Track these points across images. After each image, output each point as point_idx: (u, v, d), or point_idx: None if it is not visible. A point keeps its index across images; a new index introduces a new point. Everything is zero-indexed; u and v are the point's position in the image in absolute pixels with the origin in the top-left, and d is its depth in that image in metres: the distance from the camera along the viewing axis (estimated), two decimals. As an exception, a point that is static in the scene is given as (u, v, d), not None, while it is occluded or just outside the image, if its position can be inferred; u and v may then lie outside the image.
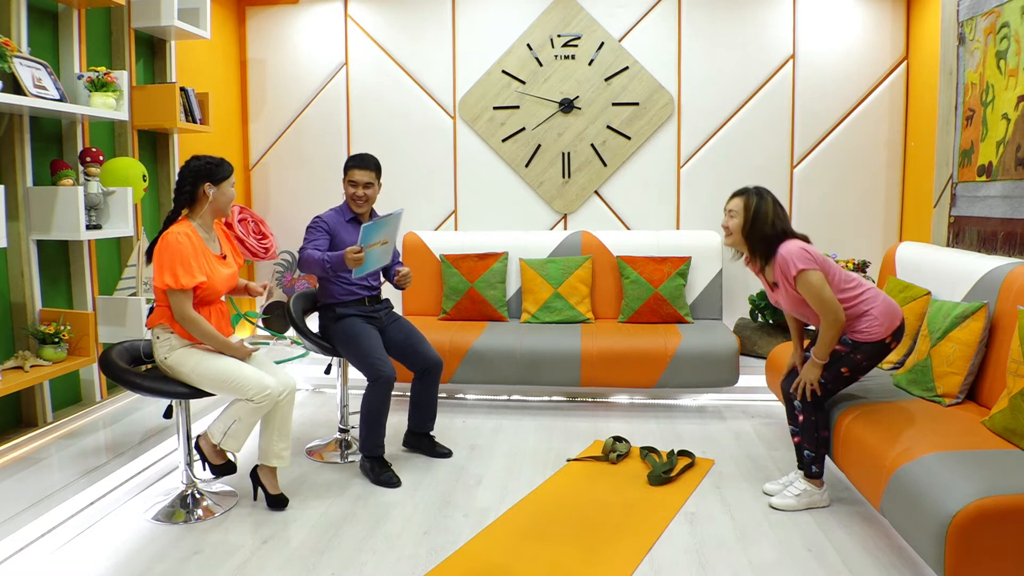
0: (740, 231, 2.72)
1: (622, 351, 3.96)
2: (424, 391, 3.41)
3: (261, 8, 5.09)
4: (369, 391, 3.12)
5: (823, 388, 2.73)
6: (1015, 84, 3.23)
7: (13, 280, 3.26)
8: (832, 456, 2.82)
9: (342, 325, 3.24)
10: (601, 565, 2.43)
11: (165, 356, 2.70)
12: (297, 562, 2.46)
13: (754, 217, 2.67)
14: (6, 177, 3.19)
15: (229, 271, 2.84)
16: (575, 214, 5.00)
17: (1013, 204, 3.26)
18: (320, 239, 3.20)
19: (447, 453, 3.43)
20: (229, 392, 2.68)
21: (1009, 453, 2.24)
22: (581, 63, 4.83)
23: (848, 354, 2.71)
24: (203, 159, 2.75)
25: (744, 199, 2.71)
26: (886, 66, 4.68)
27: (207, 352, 2.72)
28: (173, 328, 2.70)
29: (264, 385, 2.68)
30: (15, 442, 3.10)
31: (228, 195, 2.79)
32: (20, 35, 3.13)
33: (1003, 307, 2.73)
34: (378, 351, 3.15)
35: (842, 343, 2.71)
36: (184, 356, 2.69)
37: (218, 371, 2.66)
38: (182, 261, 2.60)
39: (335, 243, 3.23)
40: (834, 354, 2.71)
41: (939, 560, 1.97)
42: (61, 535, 2.58)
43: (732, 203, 2.75)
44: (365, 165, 3.25)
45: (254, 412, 2.71)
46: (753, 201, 2.69)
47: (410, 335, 3.38)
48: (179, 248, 2.61)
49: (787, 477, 2.96)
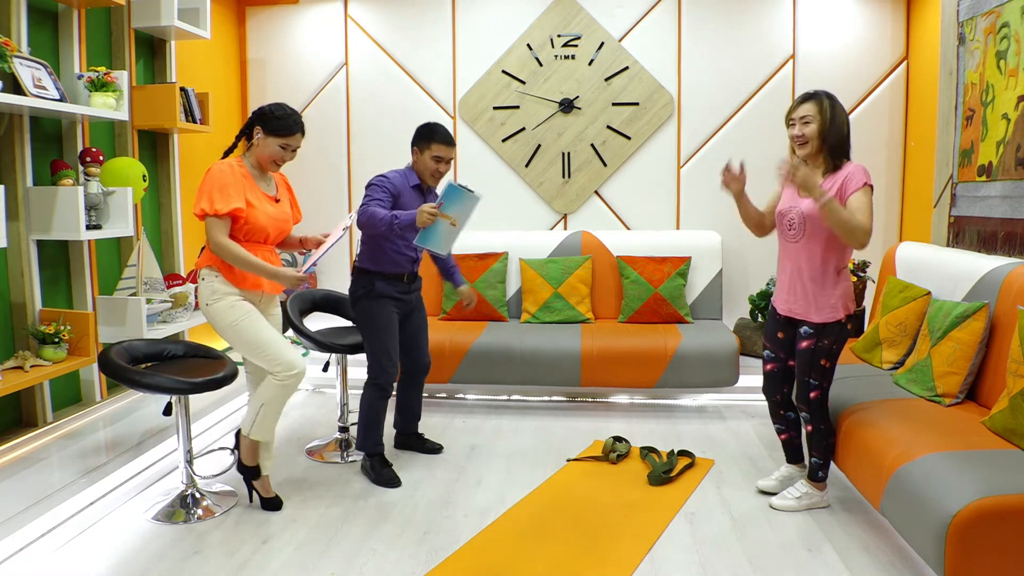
0: (818, 136, 2.59)
1: (622, 351, 3.96)
2: (411, 393, 3.45)
3: (261, 8, 5.09)
4: (369, 389, 3.13)
5: (819, 390, 2.69)
6: (1015, 84, 3.23)
7: (13, 280, 3.26)
8: (832, 456, 2.82)
9: (374, 306, 3.13)
10: (601, 565, 2.43)
11: (208, 302, 2.65)
12: (297, 562, 2.46)
13: (832, 119, 2.58)
14: (6, 177, 3.19)
15: (278, 212, 2.76)
16: (575, 214, 5.00)
17: (1013, 204, 3.26)
18: (385, 198, 3.04)
19: (437, 448, 3.46)
20: (259, 359, 2.67)
21: (1009, 453, 2.24)
22: (581, 63, 4.83)
23: (816, 346, 2.65)
24: (274, 106, 2.70)
25: (817, 103, 2.60)
26: (886, 66, 4.68)
27: (251, 312, 2.66)
28: (220, 270, 2.64)
29: (293, 363, 2.66)
30: (15, 442, 3.10)
31: (270, 150, 2.68)
32: (20, 35, 3.13)
33: (1003, 307, 2.73)
34: (393, 353, 3.14)
35: (806, 335, 2.67)
36: (227, 309, 2.63)
37: (256, 334, 2.64)
38: (220, 187, 2.56)
39: (397, 204, 3.08)
40: (806, 354, 2.67)
41: (939, 560, 1.97)
42: (61, 535, 2.58)
43: (803, 108, 2.62)
44: (452, 142, 3.16)
45: (281, 393, 2.68)
46: (827, 104, 2.59)
47: (417, 333, 3.35)
48: (220, 176, 2.58)
49: (779, 472, 2.98)
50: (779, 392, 2.89)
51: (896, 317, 3.28)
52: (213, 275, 2.66)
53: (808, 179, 2.45)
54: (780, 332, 2.84)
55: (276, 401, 2.72)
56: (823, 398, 2.72)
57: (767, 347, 2.91)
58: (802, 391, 2.72)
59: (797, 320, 2.74)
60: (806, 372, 2.69)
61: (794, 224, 2.69)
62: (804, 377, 2.70)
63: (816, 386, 2.69)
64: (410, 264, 3.21)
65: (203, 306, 2.69)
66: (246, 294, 2.71)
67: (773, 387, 2.90)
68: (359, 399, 3.19)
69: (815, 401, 2.70)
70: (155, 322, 3.78)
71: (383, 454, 3.18)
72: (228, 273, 2.66)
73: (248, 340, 2.65)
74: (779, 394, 2.89)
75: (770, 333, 2.89)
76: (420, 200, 3.15)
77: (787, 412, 2.91)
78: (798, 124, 2.64)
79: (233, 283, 2.67)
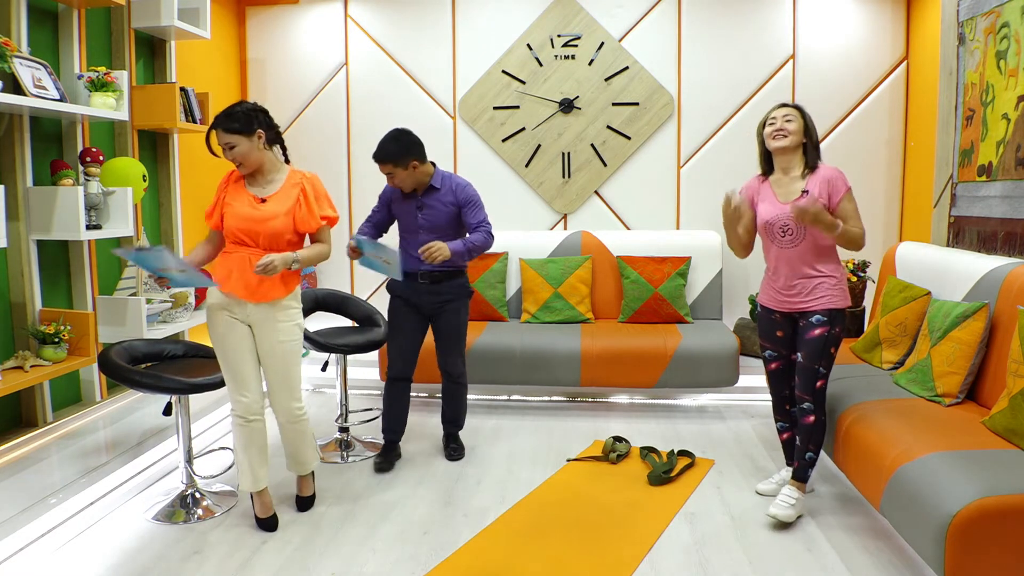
0: (801, 133, 2.73)
1: (622, 351, 3.96)
2: (445, 395, 3.49)
3: (261, 8, 5.09)
4: (386, 383, 3.37)
5: (824, 379, 2.71)
6: (1015, 84, 3.22)
7: (13, 280, 3.26)
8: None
9: (390, 304, 3.35)
10: (601, 565, 2.43)
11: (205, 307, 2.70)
12: (297, 562, 2.46)
13: (808, 125, 2.75)
14: (6, 177, 3.19)
15: (252, 212, 2.58)
16: (575, 214, 5.00)
17: (1013, 204, 3.26)
18: (377, 208, 3.37)
19: (453, 456, 3.42)
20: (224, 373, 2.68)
21: (1009, 453, 2.24)
22: (581, 63, 4.83)
23: (829, 333, 2.69)
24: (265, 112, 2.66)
25: (796, 109, 2.76)
26: (886, 66, 4.68)
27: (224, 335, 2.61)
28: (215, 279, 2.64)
29: (238, 398, 2.64)
30: (15, 442, 3.09)
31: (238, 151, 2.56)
32: (20, 35, 3.13)
33: (1003, 307, 2.73)
34: (398, 349, 3.28)
35: (819, 323, 2.69)
36: (214, 318, 2.63)
37: (219, 352, 2.65)
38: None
39: (391, 210, 3.33)
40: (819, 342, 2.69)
41: (939, 560, 1.97)
42: (61, 535, 2.58)
43: (785, 110, 2.76)
44: (383, 158, 3.12)
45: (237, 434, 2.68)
46: (804, 112, 2.77)
47: (442, 340, 3.35)
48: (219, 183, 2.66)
49: (779, 475, 2.96)
50: (787, 388, 2.89)
51: (896, 317, 3.28)
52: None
53: (820, 216, 2.56)
54: (779, 331, 2.84)
55: (234, 444, 2.71)
56: (825, 387, 2.73)
57: (767, 347, 2.90)
58: (808, 380, 2.70)
59: (804, 312, 2.73)
60: (816, 360, 2.69)
61: (789, 230, 2.72)
62: (813, 365, 2.69)
63: (824, 375, 2.70)
64: (417, 263, 3.19)
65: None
66: (223, 298, 2.61)
67: (781, 384, 2.90)
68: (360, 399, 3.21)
69: (820, 391, 2.70)
70: (155, 322, 3.78)
71: (390, 443, 3.33)
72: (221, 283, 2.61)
73: (220, 355, 2.66)
74: (787, 389, 2.89)
75: (768, 334, 2.88)
76: (411, 204, 3.24)
77: (793, 408, 2.90)
78: (779, 121, 2.74)
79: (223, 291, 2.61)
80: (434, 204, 3.21)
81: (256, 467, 2.68)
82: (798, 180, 2.74)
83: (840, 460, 2.76)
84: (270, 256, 2.51)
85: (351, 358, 3.59)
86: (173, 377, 2.71)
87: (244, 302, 2.60)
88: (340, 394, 3.52)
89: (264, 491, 2.72)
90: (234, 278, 2.58)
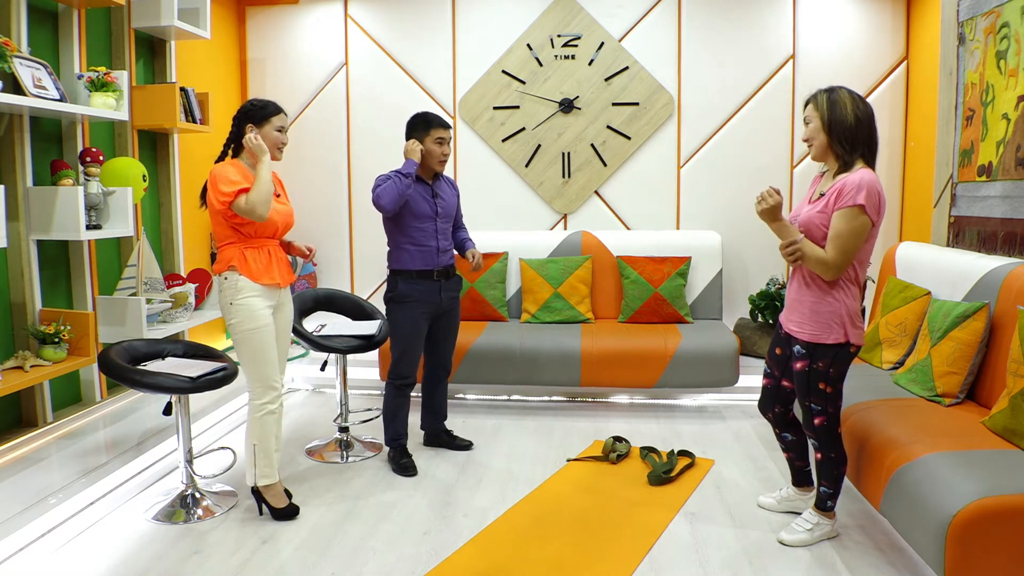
0: (821, 132, 2.40)
1: (622, 351, 3.96)
2: (435, 393, 3.52)
3: (261, 8, 5.09)
4: (388, 388, 3.32)
5: (824, 416, 2.46)
6: (1015, 84, 3.23)
7: (13, 280, 3.26)
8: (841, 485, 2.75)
9: (398, 310, 3.22)
10: (601, 565, 2.43)
11: (232, 300, 2.67)
12: (297, 562, 2.46)
13: (830, 110, 2.37)
14: (6, 177, 3.19)
15: (283, 207, 2.84)
16: (575, 214, 5.00)
17: (1013, 204, 3.26)
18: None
19: (467, 445, 3.51)
20: (249, 372, 2.71)
21: (1009, 453, 2.24)
22: (581, 63, 4.83)
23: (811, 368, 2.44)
24: (251, 101, 2.80)
25: (813, 102, 2.43)
26: (886, 66, 4.68)
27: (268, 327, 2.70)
28: (241, 270, 2.67)
29: (270, 386, 2.71)
30: (15, 442, 3.10)
31: (271, 138, 2.75)
32: (20, 35, 3.13)
33: (1003, 307, 2.73)
34: (410, 356, 3.25)
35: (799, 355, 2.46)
36: (248, 316, 2.66)
37: (258, 345, 2.68)
38: (225, 178, 2.63)
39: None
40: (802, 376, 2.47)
41: (939, 560, 1.97)
42: (61, 535, 2.58)
43: (806, 111, 2.46)
44: (449, 124, 3.21)
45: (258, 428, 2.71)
46: (822, 98, 2.40)
47: (443, 338, 3.41)
48: (223, 171, 2.66)
49: (781, 492, 2.85)
50: (771, 410, 2.74)
51: (896, 317, 3.28)
52: (236, 275, 2.68)
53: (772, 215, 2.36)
54: (778, 348, 2.67)
55: (261, 438, 2.73)
56: (830, 425, 2.47)
57: (766, 361, 2.76)
58: (805, 417, 2.51)
59: (790, 337, 2.54)
60: (804, 396, 2.48)
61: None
62: (804, 401, 2.49)
63: (819, 412, 2.46)
64: (435, 256, 3.21)
65: (226, 304, 2.70)
66: (265, 290, 2.72)
67: (765, 405, 2.75)
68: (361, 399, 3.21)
69: (821, 428, 2.47)
70: (155, 322, 3.78)
71: (404, 446, 3.30)
72: (248, 271, 2.68)
73: (252, 350, 2.69)
74: (771, 412, 2.74)
75: (771, 348, 2.72)
76: (425, 191, 3.21)
77: (784, 432, 2.74)
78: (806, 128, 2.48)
79: (252, 278, 2.68)
80: (444, 192, 3.31)
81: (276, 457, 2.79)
82: (830, 180, 2.45)
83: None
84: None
85: (350, 358, 3.59)
86: (173, 376, 2.71)
87: (279, 289, 2.81)
88: (340, 394, 3.52)
89: (279, 481, 2.81)
90: (275, 268, 2.76)
